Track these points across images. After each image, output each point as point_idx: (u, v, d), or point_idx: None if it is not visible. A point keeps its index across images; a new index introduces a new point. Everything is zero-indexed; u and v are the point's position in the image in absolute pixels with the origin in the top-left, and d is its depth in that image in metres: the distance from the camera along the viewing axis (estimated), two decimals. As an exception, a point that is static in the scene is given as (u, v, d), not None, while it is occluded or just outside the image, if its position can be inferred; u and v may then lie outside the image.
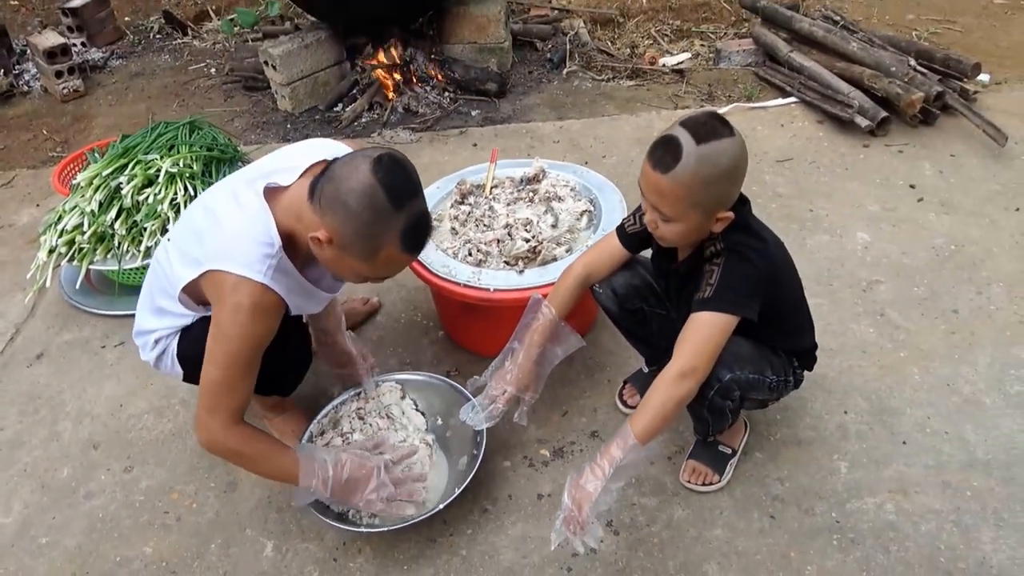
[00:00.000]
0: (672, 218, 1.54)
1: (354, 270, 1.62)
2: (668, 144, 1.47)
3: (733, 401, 1.68)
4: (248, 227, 1.62)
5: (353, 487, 1.75)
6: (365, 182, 1.50)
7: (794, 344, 1.81)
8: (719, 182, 1.48)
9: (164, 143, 2.72)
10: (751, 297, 1.56)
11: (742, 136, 1.50)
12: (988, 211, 2.85)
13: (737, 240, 1.58)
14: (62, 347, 2.53)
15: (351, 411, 2.09)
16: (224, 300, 1.59)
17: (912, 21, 4.42)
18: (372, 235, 1.53)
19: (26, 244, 3.02)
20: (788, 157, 3.24)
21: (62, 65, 4.13)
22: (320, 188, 1.56)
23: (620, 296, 1.88)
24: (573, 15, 4.61)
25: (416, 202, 1.56)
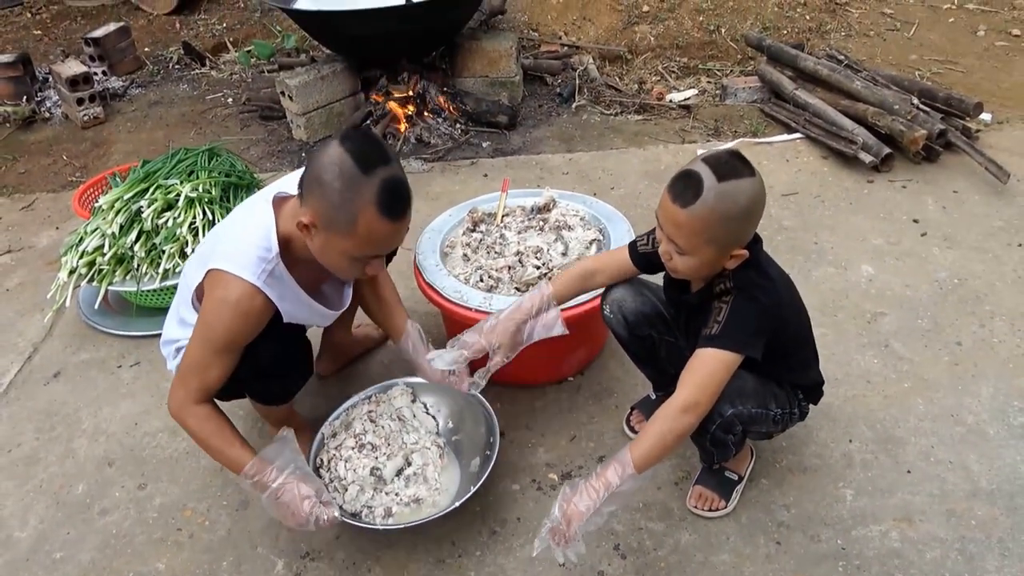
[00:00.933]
0: (687, 251, 1.57)
1: (343, 252, 1.65)
2: (689, 179, 1.50)
3: (735, 435, 1.71)
4: (251, 232, 1.72)
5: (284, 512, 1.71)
6: (334, 154, 1.57)
7: (799, 378, 1.85)
8: (736, 220, 1.52)
9: (184, 169, 2.79)
10: (756, 336, 1.59)
11: (762, 177, 1.53)
12: (991, 246, 2.89)
13: (747, 279, 1.61)
14: (79, 366, 2.57)
15: (363, 414, 2.11)
16: (214, 292, 1.68)
17: (915, 61, 4.50)
18: (346, 203, 1.57)
19: (45, 265, 3.08)
20: (793, 191, 3.30)
21: (83, 93, 4.23)
22: (302, 178, 1.64)
23: (631, 322, 1.92)
24: (582, 51, 4.71)
25: (387, 167, 1.58)
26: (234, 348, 1.73)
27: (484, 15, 4.55)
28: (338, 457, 1.99)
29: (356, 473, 1.95)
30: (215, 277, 1.68)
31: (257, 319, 1.70)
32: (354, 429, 2.07)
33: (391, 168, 1.60)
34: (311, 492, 1.71)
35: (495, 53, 4.13)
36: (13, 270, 3.11)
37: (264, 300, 1.69)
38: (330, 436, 2.06)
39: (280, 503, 1.69)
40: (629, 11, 4.90)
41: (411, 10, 3.54)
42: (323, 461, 2.00)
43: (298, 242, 1.71)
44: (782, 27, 4.82)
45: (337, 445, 2.02)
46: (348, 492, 1.92)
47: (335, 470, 1.97)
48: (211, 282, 1.70)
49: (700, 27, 4.80)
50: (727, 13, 4.88)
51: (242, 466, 1.70)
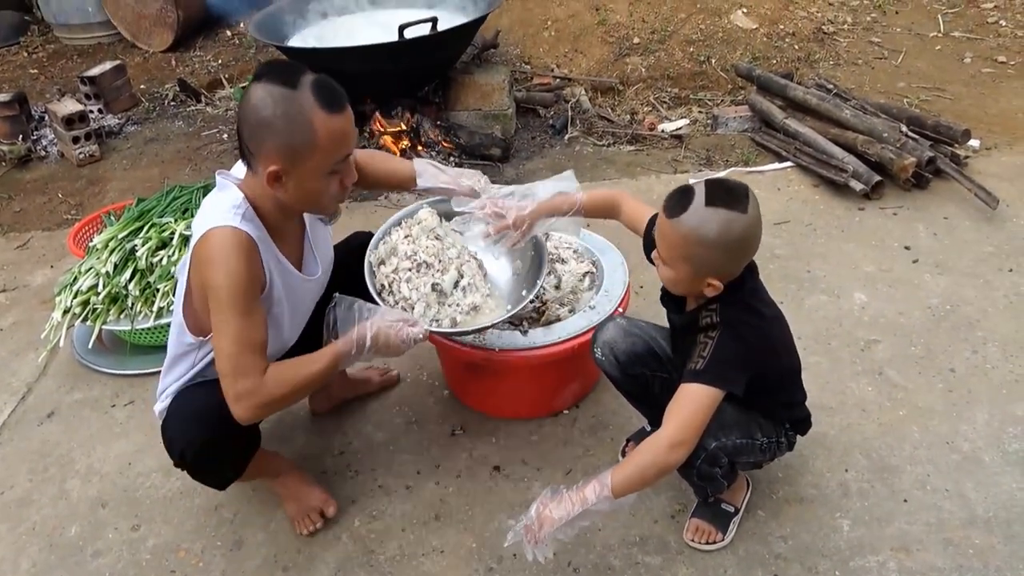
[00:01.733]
0: (666, 261, 1.62)
1: (316, 172, 1.64)
2: (684, 193, 1.54)
3: (721, 467, 1.72)
4: (215, 202, 1.70)
5: (385, 352, 1.78)
6: (259, 93, 1.59)
7: (786, 412, 1.86)
8: (713, 248, 1.53)
9: (179, 206, 2.80)
10: (740, 373, 1.61)
11: (755, 218, 1.53)
12: (982, 272, 2.91)
13: (734, 316, 1.62)
14: (73, 406, 2.57)
15: (400, 238, 2.12)
16: (201, 258, 1.64)
17: (903, 89, 4.56)
18: (296, 123, 1.57)
19: (39, 304, 3.08)
20: (785, 220, 3.32)
21: (79, 131, 4.26)
22: (242, 143, 1.65)
23: (623, 362, 1.93)
24: (574, 83, 4.76)
25: (306, 74, 1.60)
26: (253, 296, 1.66)
27: (477, 49, 4.60)
28: (398, 279, 2.03)
29: (419, 291, 2.01)
30: (197, 250, 1.65)
31: (250, 257, 1.64)
32: (404, 252, 2.07)
33: (309, 73, 1.62)
34: (398, 321, 1.77)
35: (488, 87, 4.17)
36: (8, 309, 3.11)
37: (248, 236, 1.64)
38: (378, 264, 2.08)
39: (379, 348, 1.76)
40: (620, 43, 4.96)
41: (403, 47, 3.58)
42: (384, 286, 2.04)
43: (263, 208, 1.71)
44: (771, 57, 4.87)
45: (393, 269, 2.05)
46: (416, 309, 1.98)
47: (399, 292, 2.02)
48: (196, 260, 1.66)
49: (690, 58, 4.86)
50: (717, 44, 4.94)
51: (337, 361, 1.73)
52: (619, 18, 5.10)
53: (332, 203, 1.78)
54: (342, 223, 2.08)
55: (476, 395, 2.42)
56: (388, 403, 2.47)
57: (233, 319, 1.62)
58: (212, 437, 1.75)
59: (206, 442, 1.75)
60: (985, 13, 5.43)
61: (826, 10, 5.49)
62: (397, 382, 2.55)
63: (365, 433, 2.36)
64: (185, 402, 1.80)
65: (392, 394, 2.51)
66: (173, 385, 1.86)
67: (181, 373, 1.85)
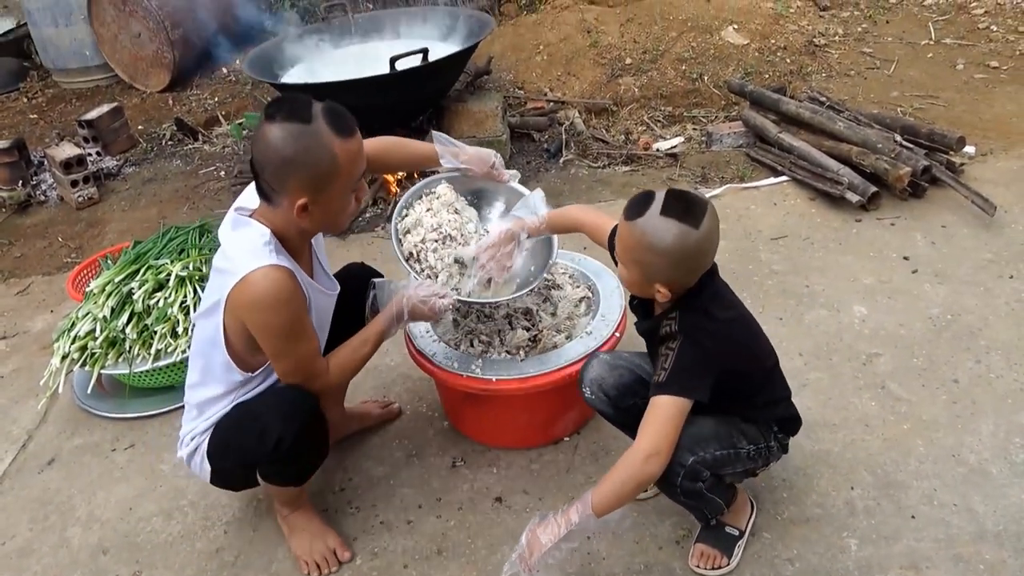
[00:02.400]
0: (621, 261, 1.69)
1: (342, 193, 1.74)
2: (644, 198, 1.60)
3: (704, 482, 1.71)
4: (241, 240, 1.75)
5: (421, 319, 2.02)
6: (275, 133, 1.63)
7: (769, 414, 1.84)
8: (661, 257, 1.58)
9: (175, 247, 2.81)
10: (702, 379, 1.64)
11: (709, 233, 1.57)
12: (982, 279, 2.89)
13: (691, 323, 1.65)
14: (73, 452, 2.56)
15: (423, 210, 2.24)
16: (245, 301, 1.70)
17: (896, 98, 4.56)
18: (319, 155, 1.65)
19: (40, 350, 3.09)
20: (782, 234, 3.31)
21: (77, 175, 4.29)
22: (262, 181, 1.71)
23: (613, 397, 1.93)
24: (568, 106, 4.78)
25: (315, 105, 1.67)
26: (303, 323, 1.79)
27: (470, 76, 4.63)
28: (425, 249, 2.16)
29: (443, 261, 2.15)
30: (239, 290, 1.69)
31: (295, 289, 1.73)
32: (429, 224, 2.19)
33: (318, 104, 1.68)
34: (429, 295, 1.95)
35: (481, 114, 4.19)
36: (8, 356, 3.12)
37: (288, 272, 1.71)
38: (404, 233, 2.21)
39: (415, 317, 1.98)
40: (612, 64, 4.98)
41: (395, 79, 3.60)
42: (412, 254, 2.17)
43: (283, 234, 1.77)
44: (764, 72, 4.89)
45: (421, 239, 2.18)
46: (439, 278, 2.12)
47: (426, 260, 2.16)
48: (238, 297, 1.71)
49: (683, 76, 4.87)
50: (709, 61, 4.95)
51: (381, 334, 1.95)
52: (610, 39, 5.13)
53: (348, 220, 1.87)
54: (339, 255, 2.10)
55: (475, 425, 2.41)
56: (388, 436, 2.46)
57: (295, 347, 1.78)
58: (311, 423, 1.85)
59: (305, 428, 1.83)
60: (976, 19, 5.44)
61: (816, 23, 5.52)
62: (398, 415, 2.54)
63: (365, 468, 2.35)
64: (280, 396, 1.86)
65: (392, 427, 2.49)
66: (213, 418, 1.90)
67: (223, 406, 1.90)
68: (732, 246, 3.25)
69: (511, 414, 2.31)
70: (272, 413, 1.80)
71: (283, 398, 1.84)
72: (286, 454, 1.81)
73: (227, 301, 1.73)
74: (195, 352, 1.93)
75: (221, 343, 1.80)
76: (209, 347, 1.84)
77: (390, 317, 1.95)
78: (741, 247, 3.24)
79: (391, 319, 1.95)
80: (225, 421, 1.89)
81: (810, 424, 2.29)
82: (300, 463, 1.93)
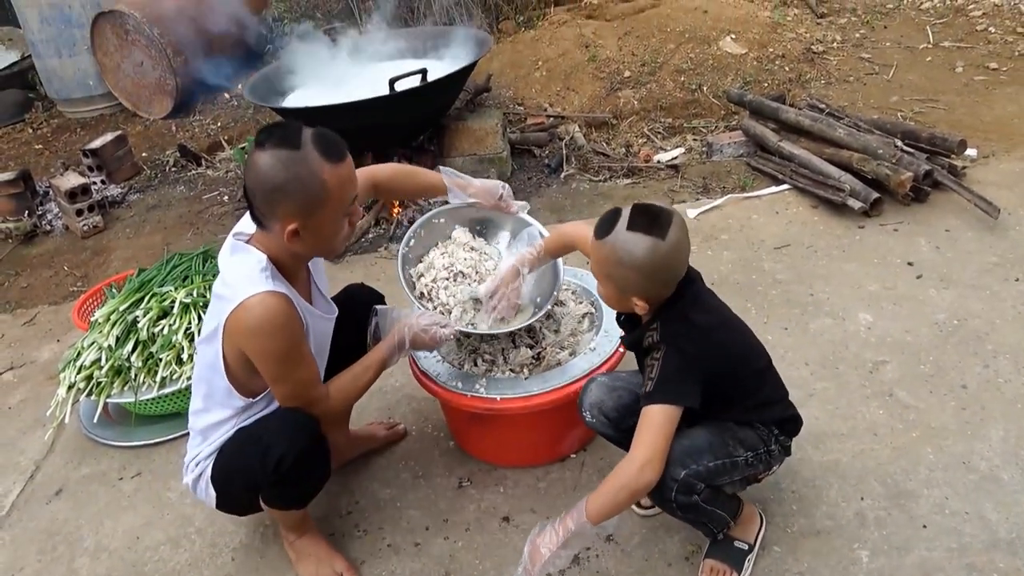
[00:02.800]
0: (596, 278, 1.73)
1: (333, 218, 1.74)
2: (612, 216, 1.64)
3: (699, 494, 1.70)
4: (239, 268, 1.76)
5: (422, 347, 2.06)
6: (265, 160, 1.65)
7: (765, 415, 1.83)
8: (630, 270, 1.61)
9: (178, 274, 2.82)
10: (688, 385, 1.67)
11: (677, 244, 1.60)
12: (988, 283, 2.87)
13: (672, 332, 1.68)
14: (80, 481, 2.56)
15: (438, 255, 2.31)
16: (243, 327, 1.71)
17: (896, 103, 4.55)
18: (308, 181, 1.66)
19: (46, 380, 3.10)
20: (785, 243, 3.30)
21: (82, 204, 4.32)
22: (254, 207, 1.72)
23: (614, 419, 1.93)
24: (568, 121, 4.79)
25: (305, 131, 1.68)
26: (301, 348, 1.80)
27: (469, 94, 4.64)
28: (436, 288, 2.23)
29: (456, 298, 2.21)
30: (236, 316, 1.71)
31: (292, 315, 1.75)
32: (441, 264, 2.27)
33: (307, 129, 1.69)
34: (431, 324, 1.99)
35: (481, 131, 4.21)
36: (15, 387, 3.13)
37: (285, 297, 1.72)
38: (418, 277, 2.27)
39: (416, 346, 2.01)
40: (611, 78, 4.99)
41: (395, 100, 3.62)
42: (424, 293, 2.24)
43: (279, 259, 1.78)
44: (763, 80, 4.89)
45: (432, 279, 2.24)
46: (453, 313, 2.18)
47: (437, 298, 2.22)
48: (235, 324, 1.72)
49: (682, 87, 4.88)
50: (707, 71, 4.96)
51: (383, 362, 1.97)
52: (609, 53, 5.14)
53: (342, 244, 1.87)
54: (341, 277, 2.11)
55: (481, 445, 2.40)
56: (394, 458, 2.45)
57: (293, 372, 1.79)
58: (312, 444, 1.85)
59: (306, 449, 1.82)
60: (974, 21, 5.44)
61: (814, 30, 5.52)
62: (404, 436, 2.53)
63: (372, 490, 2.34)
64: (281, 417, 1.86)
65: (398, 449, 2.49)
66: (216, 443, 1.92)
67: (226, 431, 1.91)
68: (735, 256, 3.24)
69: (516, 433, 2.31)
70: (273, 434, 1.81)
71: (284, 419, 1.84)
72: (287, 474, 1.81)
73: (225, 327, 1.74)
74: (197, 378, 1.94)
75: (221, 369, 1.81)
76: (210, 373, 1.85)
77: (391, 346, 1.97)
78: (744, 257, 3.23)
79: (392, 348, 1.97)
80: (228, 445, 1.90)
81: (818, 434, 2.28)
82: (302, 484, 1.92)
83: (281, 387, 1.82)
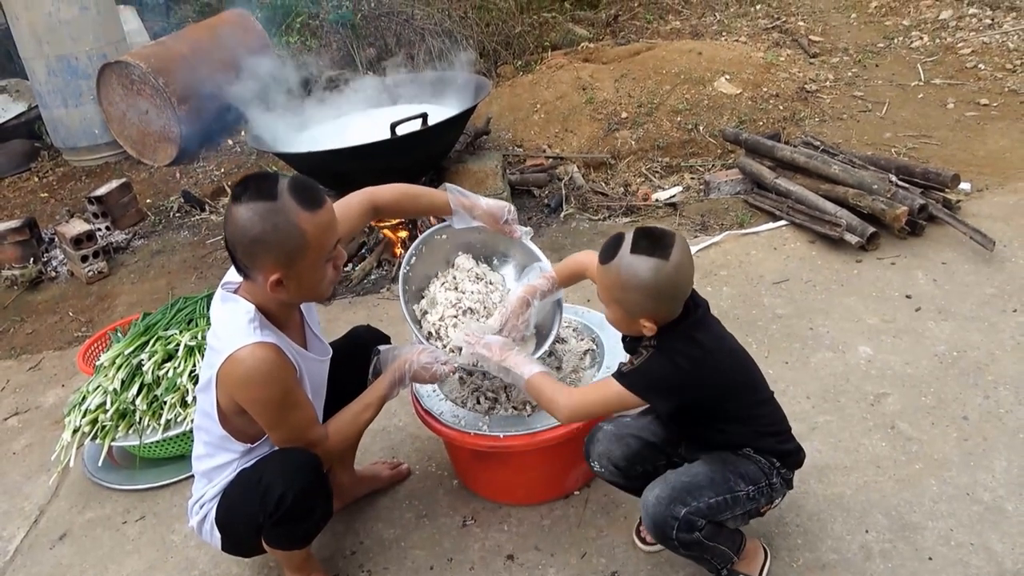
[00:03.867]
0: (604, 303, 1.77)
1: (315, 266, 1.75)
2: (615, 241, 1.69)
3: (701, 531, 1.71)
4: (228, 320, 1.78)
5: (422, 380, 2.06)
6: (243, 214, 1.66)
7: (763, 445, 1.84)
8: (638, 292, 1.65)
9: (183, 317, 2.85)
10: (661, 392, 1.73)
11: (680, 264, 1.64)
12: (986, 315, 2.89)
13: (669, 344, 1.72)
14: (84, 526, 2.56)
15: (439, 287, 2.30)
16: (235, 378, 1.73)
17: (890, 139, 4.62)
18: (286, 232, 1.66)
19: (51, 425, 3.11)
20: (784, 278, 3.32)
21: (87, 250, 4.36)
22: (236, 260, 1.74)
23: (623, 468, 1.94)
24: (567, 161, 4.85)
25: (281, 181, 1.69)
26: (294, 394, 1.82)
27: (469, 137, 4.71)
28: (445, 326, 2.21)
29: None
30: (227, 370, 1.73)
31: (285, 360, 1.77)
32: (447, 300, 2.24)
33: (283, 178, 1.71)
34: (431, 361, 2.02)
35: (481, 173, 4.27)
36: (20, 432, 3.14)
37: (273, 347, 1.74)
38: (422, 315, 2.26)
39: (416, 380, 2.04)
40: (608, 119, 5.07)
41: (396, 143, 3.68)
42: (432, 333, 2.22)
43: (267, 307, 1.80)
44: (757, 119, 4.97)
45: (439, 317, 2.22)
46: (463, 352, 2.09)
47: (446, 336, 2.20)
48: (226, 376, 1.75)
49: (678, 127, 4.96)
50: (703, 111, 5.04)
51: (382, 399, 1.99)
52: (606, 95, 5.23)
53: (328, 288, 1.88)
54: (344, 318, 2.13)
55: (485, 483, 2.40)
56: (398, 498, 2.45)
57: (288, 417, 1.82)
58: (312, 483, 1.85)
59: (306, 488, 1.83)
60: (964, 59, 5.53)
61: (807, 69, 5.62)
62: (408, 475, 2.53)
63: (376, 531, 2.34)
64: (281, 457, 1.87)
65: (401, 488, 2.49)
66: (220, 484, 1.93)
67: (229, 473, 1.93)
68: (735, 292, 3.27)
69: (520, 470, 2.31)
70: (273, 474, 1.82)
71: (284, 459, 1.86)
72: (288, 513, 1.81)
73: (217, 379, 1.78)
74: (197, 425, 1.97)
75: (216, 418, 1.85)
76: (208, 422, 1.89)
77: (391, 382, 2.00)
78: (744, 292, 3.26)
79: (392, 384, 2.00)
80: (230, 487, 1.92)
81: (821, 467, 2.28)
82: (303, 523, 1.92)
83: (277, 433, 1.85)
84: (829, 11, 6.71)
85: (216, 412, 1.83)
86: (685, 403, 1.75)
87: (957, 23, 6.07)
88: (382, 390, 1.99)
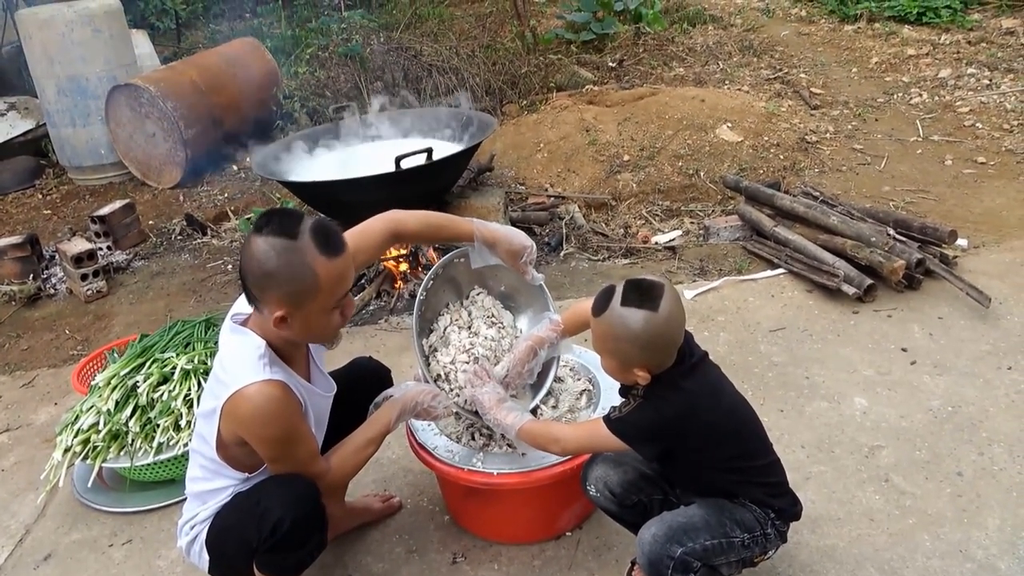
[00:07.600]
0: (598, 352, 1.80)
1: (322, 311, 1.75)
2: (606, 293, 1.73)
3: (696, 572, 1.72)
4: (237, 352, 1.79)
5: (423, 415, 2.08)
6: (260, 246, 1.67)
7: (756, 492, 1.84)
8: (629, 343, 1.68)
9: (180, 341, 2.85)
10: (646, 438, 1.77)
11: (669, 315, 1.67)
12: (981, 371, 2.90)
13: (657, 392, 1.75)
14: (70, 547, 2.53)
15: (450, 323, 2.31)
16: (242, 414, 1.73)
17: (888, 192, 4.67)
18: (299, 272, 1.67)
19: (42, 443, 3.09)
20: (781, 327, 3.34)
21: (87, 269, 4.37)
22: (247, 289, 1.74)
23: (618, 495, 1.95)
24: (568, 201, 4.90)
25: (304, 221, 1.69)
26: (299, 429, 1.83)
27: (473, 173, 4.76)
28: (455, 370, 2.21)
29: None
30: (234, 403, 1.74)
31: (290, 402, 1.77)
32: (461, 344, 2.25)
33: (308, 219, 1.71)
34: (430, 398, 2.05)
35: (484, 209, 4.30)
36: (10, 449, 3.11)
37: (281, 385, 1.75)
38: (431, 352, 2.26)
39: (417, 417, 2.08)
40: (611, 161, 5.13)
41: (400, 177, 3.71)
42: (441, 375, 2.22)
43: (275, 343, 1.81)
44: (758, 167, 5.02)
45: (450, 360, 2.23)
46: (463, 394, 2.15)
47: (455, 381, 2.20)
48: (232, 411, 1.75)
49: (679, 172, 5.01)
50: (704, 157, 5.10)
51: (383, 435, 2.01)
52: (609, 137, 5.29)
53: (334, 335, 1.90)
54: (342, 348, 2.14)
55: (477, 520, 2.39)
56: (388, 532, 2.43)
57: (292, 451, 1.83)
58: (311, 511, 1.85)
59: (304, 515, 1.82)
60: (962, 117, 5.62)
61: (808, 121, 5.70)
62: (399, 509, 2.52)
63: (365, 564, 2.32)
64: (281, 483, 1.86)
65: (392, 522, 2.47)
66: (213, 507, 1.92)
67: (224, 497, 1.92)
68: (731, 338, 3.28)
69: (513, 508, 2.30)
70: (272, 497, 1.82)
71: (284, 484, 1.85)
72: (284, 539, 1.80)
73: (222, 413, 1.78)
74: (194, 447, 1.96)
75: (214, 445, 1.84)
76: (207, 448, 1.88)
77: (397, 418, 2.02)
78: (740, 339, 3.27)
79: (398, 420, 2.03)
80: (225, 509, 1.91)
81: (814, 518, 2.27)
82: (297, 551, 1.90)
83: (278, 466, 1.86)
84: (831, 65, 6.83)
85: (215, 440, 1.83)
86: (670, 448, 1.78)
87: (956, 82, 6.19)
88: (386, 426, 2.01)
